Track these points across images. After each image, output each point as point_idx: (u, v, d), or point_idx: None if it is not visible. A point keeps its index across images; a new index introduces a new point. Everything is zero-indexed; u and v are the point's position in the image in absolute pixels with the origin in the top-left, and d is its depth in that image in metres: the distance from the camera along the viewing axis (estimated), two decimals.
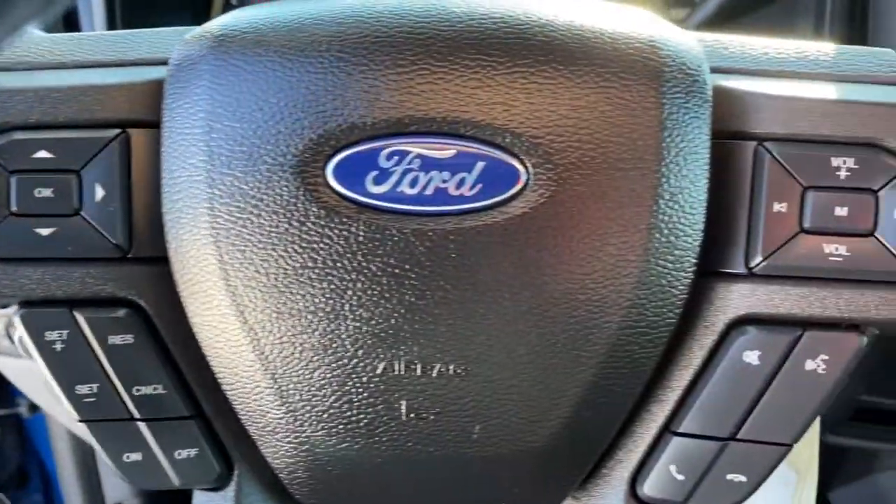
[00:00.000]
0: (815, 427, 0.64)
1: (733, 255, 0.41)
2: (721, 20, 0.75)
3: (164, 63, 0.42)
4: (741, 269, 0.41)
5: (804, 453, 0.65)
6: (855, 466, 1.11)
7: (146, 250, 0.41)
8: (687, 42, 0.40)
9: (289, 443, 0.42)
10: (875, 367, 0.97)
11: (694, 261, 0.40)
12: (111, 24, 0.83)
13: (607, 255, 0.38)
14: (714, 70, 0.42)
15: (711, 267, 0.41)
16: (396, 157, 0.38)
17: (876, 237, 0.39)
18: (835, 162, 0.39)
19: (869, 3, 0.76)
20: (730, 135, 0.41)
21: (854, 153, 0.39)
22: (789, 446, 0.42)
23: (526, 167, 0.38)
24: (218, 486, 0.45)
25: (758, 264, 0.40)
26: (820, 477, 1.09)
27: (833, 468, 1.09)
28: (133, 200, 0.41)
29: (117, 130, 0.41)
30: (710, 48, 0.43)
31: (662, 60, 0.39)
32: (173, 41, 0.43)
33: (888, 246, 0.39)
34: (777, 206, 0.40)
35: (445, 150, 0.38)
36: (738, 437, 0.42)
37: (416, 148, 0.38)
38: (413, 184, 0.38)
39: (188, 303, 0.41)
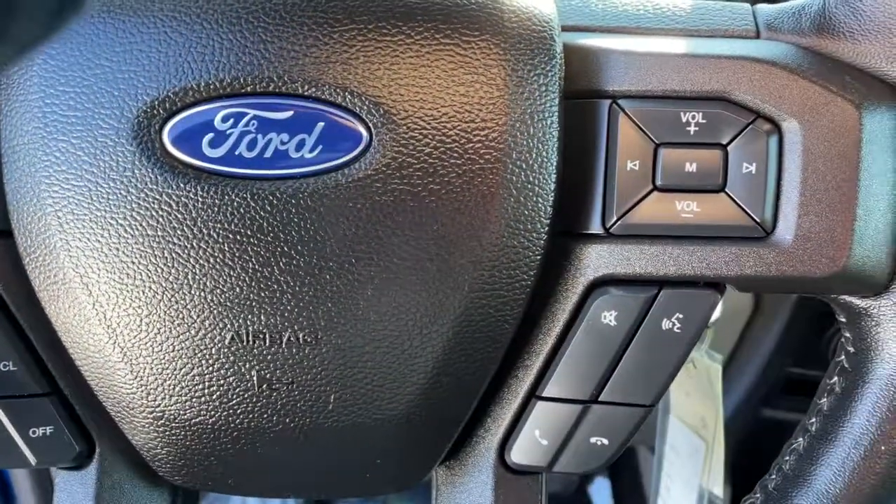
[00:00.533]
0: (719, 398, 0.64)
1: (590, 215, 0.40)
2: None
3: None
4: (598, 230, 0.40)
5: (710, 424, 0.65)
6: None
7: None
8: (540, 4, 0.40)
9: (144, 418, 0.41)
10: (801, 339, 0.97)
11: (546, 221, 0.39)
12: None
13: (456, 217, 0.38)
14: (570, 28, 0.41)
15: (570, 228, 0.40)
16: (232, 119, 0.37)
17: (726, 192, 0.39)
18: (684, 117, 0.38)
19: None
20: (584, 93, 0.40)
21: (703, 108, 0.38)
22: (650, 407, 0.41)
23: (368, 127, 0.37)
24: (78, 464, 0.44)
25: (613, 224, 0.40)
26: (762, 451, 1.09)
27: (773, 442, 1.10)
28: None
29: None
30: (568, 6, 0.42)
31: (506, 17, 0.38)
32: None
33: (738, 201, 0.39)
34: (630, 165, 0.39)
35: (282, 110, 0.37)
36: (600, 399, 0.41)
37: (252, 109, 0.37)
38: (251, 146, 0.37)
39: (34, 277, 0.40)
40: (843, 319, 0.43)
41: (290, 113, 0.37)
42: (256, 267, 0.38)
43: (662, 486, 0.74)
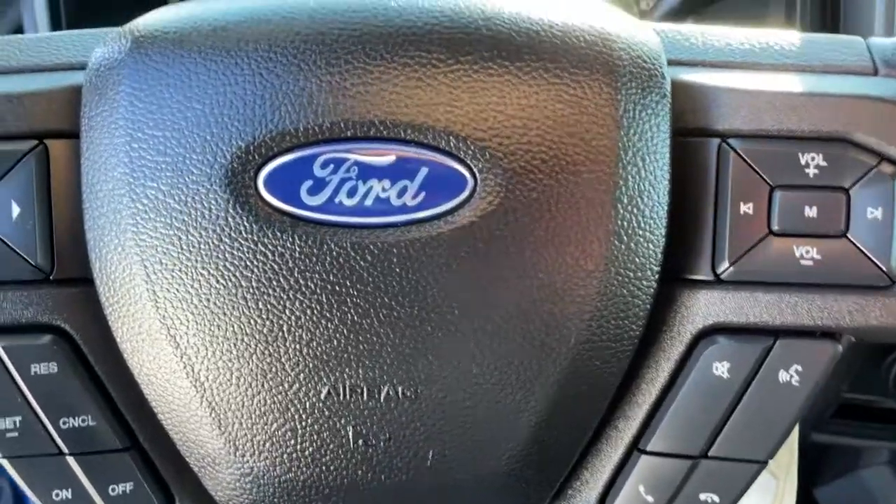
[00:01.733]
0: (794, 431, 0.62)
1: (699, 260, 0.38)
2: (688, 10, 0.73)
3: (83, 67, 0.39)
4: (708, 276, 0.38)
5: (783, 459, 0.63)
6: (839, 463, 1.10)
7: (70, 271, 0.38)
8: (643, 34, 0.38)
9: (231, 474, 0.39)
10: (859, 365, 0.95)
11: (657, 268, 0.37)
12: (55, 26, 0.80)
13: (564, 266, 0.36)
14: (673, 63, 0.39)
15: (676, 273, 0.38)
16: (332, 166, 0.35)
17: (848, 238, 0.37)
18: (803, 159, 0.37)
19: None
20: (692, 132, 0.38)
21: (823, 149, 0.36)
22: (764, 463, 0.39)
23: (472, 172, 0.35)
24: None
25: (725, 270, 0.38)
26: (805, 475, 1.07)
27: (818, 466, 1.08)
28: (54, 217, 0.38)
29: (34, 142, 0.38)
30: (668, 40, 0.41)
31: (616, 54, 0.36)
32: (94, 43, 0.40)
33: (861, 248, 0.37)
34: (744, 208, 0.37)
35: (384, 156, 0.35)
36: (710, 454, 0.39)
37: (352, 155, 0.35)
38: (351, 193, 0.35)
39: (116, 326, 0.38)
40: None
41: (391, 158, 0.35)
42: (355, 318, 0.36)
43: None
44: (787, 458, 0.62)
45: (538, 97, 0.35)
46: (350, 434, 0.37)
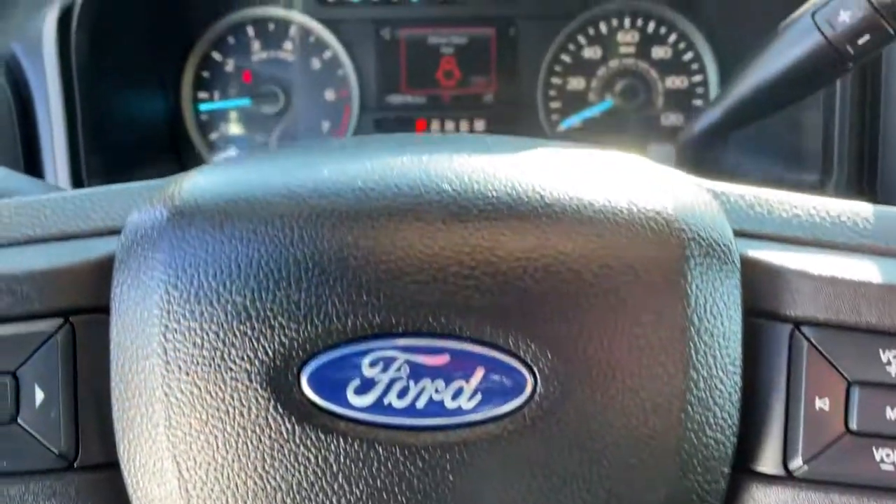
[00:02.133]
0: None
1: (769, 453, 0.36)
2: (712, 144, 0.71)
3: (113, 232, 0.37)
4: (779, 471, 0.35)
5: None
6: None
7: (95, 456, 0.36)
8: (709, 209, 0.36)
9: None
10: None
11: (727, 470, 0.34)
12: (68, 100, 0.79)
13: (630, 472, 0.33)
14: (737, 234, 0.37)
15: (744, 464, 0.36)
16: (381, 364, 0.33)
17: None
18: (884, 356, 0.34)
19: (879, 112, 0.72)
20: (761, 313, 0.36)
21: None
22: None
23: (532, 371, 0.33)
24: None
25: (798, 468, 0.35)
26: None
27: None
28: (79, 400, 0.36)
29: (59, 321, 0.35)
30: (730, 205, 0.38)
31: (685, 244, 0.34)
32: (125, 206, 0.38)
33: None
34: (819, 403, 0.35)
35: (437, 354, 0.33)
36: None
37: (403, 353, 0.33)
38: (402, 395, 0.33)
39: None
40: None
41: (445, 358, 0.33)
42: None
43: None
44: None
45: (602, 289, 0.33)
46: None
